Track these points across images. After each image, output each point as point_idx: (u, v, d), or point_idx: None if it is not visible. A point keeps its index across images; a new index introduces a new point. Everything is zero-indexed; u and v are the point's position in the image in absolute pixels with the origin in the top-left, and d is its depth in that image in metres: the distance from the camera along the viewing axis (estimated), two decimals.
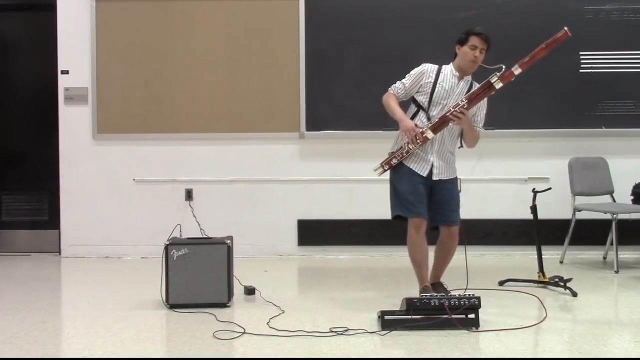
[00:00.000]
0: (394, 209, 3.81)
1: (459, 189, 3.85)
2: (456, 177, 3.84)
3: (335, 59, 5.31)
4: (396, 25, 5.26)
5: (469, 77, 3.76)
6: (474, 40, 3.64)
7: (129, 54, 5.41)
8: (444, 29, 5.03)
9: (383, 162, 3.79)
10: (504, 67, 3.59)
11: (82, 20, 5.40)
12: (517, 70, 3.59)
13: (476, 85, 3.74)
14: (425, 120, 3.72)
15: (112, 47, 5.41)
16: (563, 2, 5.21)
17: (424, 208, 3.74)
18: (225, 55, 5.38)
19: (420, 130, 3.65)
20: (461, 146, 3.86)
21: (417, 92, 3.76)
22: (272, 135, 5.39)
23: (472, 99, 3.64)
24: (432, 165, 3.72)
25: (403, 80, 3.80)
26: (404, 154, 3.70)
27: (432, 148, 3.72)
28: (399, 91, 3.80)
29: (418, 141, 3.64)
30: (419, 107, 3.75)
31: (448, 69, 3.75)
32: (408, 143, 3.66)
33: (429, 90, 3.72)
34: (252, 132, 5.39)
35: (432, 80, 3.72)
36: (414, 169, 3.73)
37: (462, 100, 3.62)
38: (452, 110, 3.61)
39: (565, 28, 3.56)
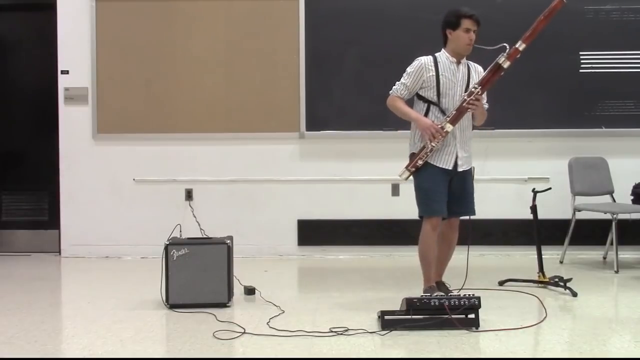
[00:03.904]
0: (420, 209, 3.78)
1: (472, 177, 3.87)
2: (472, 167, 3.86)
3: (335, 59, 5.31)
4: (396, 25, 5.27)
5: (465, 60, 3.77)
6: (466, 23, 3.63)
7: (129, 54, 5.41)
8: None
9: (408, 165, 3.72)
10: (507, 45, 3.59)
11: (82, 20, 5.40)
12: (521, 46, 3.59)
13: (473, 66, 3.78)
14: (438, 114, 3.70)
15: (112, 47, 5.41)
16: None
17: (445, 205, 3.73)
18: (225, 55, 5.38)
19: (440, 125, 3.64)
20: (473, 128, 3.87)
21: (421, 87, 3.73)
22: (272, 135, 5.39)
23: (485, 84, 3.64)
24: (456, 157, 3.72)
25: (403, 81, 3.76)
26: (428, 153, 3.67)
27: (455, 140, 3.71)
28: (402, 92, 3.75)
29: (440, 137, 3.63)
30: (429, 102, 3.73)
31: (444, 57, 3.73)
32: (430, 141, 3.64)
33: (434, 84, 3.69)
34: (252, 132, 5.38)
35: (434, 73, 3.69)
36: (438, 164, 3.71)
37: (475, 87, 3.62)
38: (468, 99, 3.60)
39: None
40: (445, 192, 3.74)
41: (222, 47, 5.38)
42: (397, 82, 3.78)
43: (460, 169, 3.75)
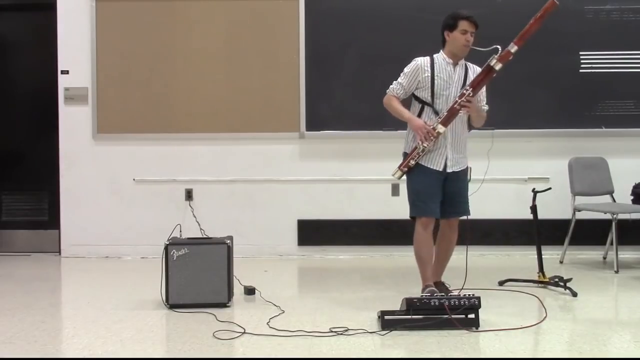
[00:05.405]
0: (410, 210, 3.80)
1: (468, 177, 3.86)
2: (467, 167, 3.85)
3: (335, 59, 5.31)
4: (396, 25, 5.26)
5: (463, 61, 3.79)
6: (463, 25, 3.66)
7: (129, 54, 5.41)
8: None
9: (401, 165, 3.74)
10: (499, 47, 3.59)
11: (82, 20, 5.40)
12: (513, 48, 3.59)
13: (471, 67, 3.80)
14: (432, 115, 3.72)
15: (112, 47, 5.41)
16: (563, 2, 5.18)
17: (437, 206, 3.74)
18: (225, 55, 5.38)
19: (432, 126, 3.65)
20: (469, 129, 3.87)
21: (417, 88, 3.75)
22: (272, 135, 5.39)
23: (476, 86, 3.65)
24: (446, 158, 3.73)
25: (399, 80, 3.78)
26: (420, 154, 3.69)
27: (446, 141, 3.73)
28: (398, 92, 3.79)
29: (431, 138, 3.64)
30: (423, 102, 3.75)
31: (440, 58, 3.76)
32: (422, 142, 3.66)
33: (429, 85, 3.71)
34: (252, 132, 5.38)
35: (429, 74, 3.71)
36: (429, 165, 3.73)
37: (466, 89, 3.63)
38: (459, 100, 3.62)
39: None
40: (438, 193, 3.74)
41: (222, 47, 5.38)
42: (394, 82, 3.81)
43: (449, 170, 3.75)
